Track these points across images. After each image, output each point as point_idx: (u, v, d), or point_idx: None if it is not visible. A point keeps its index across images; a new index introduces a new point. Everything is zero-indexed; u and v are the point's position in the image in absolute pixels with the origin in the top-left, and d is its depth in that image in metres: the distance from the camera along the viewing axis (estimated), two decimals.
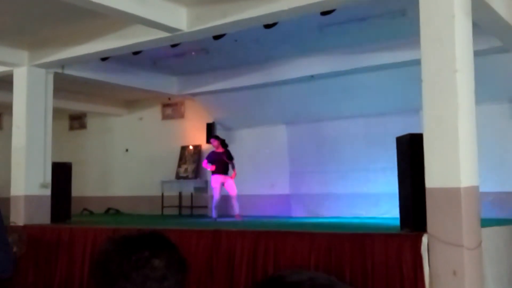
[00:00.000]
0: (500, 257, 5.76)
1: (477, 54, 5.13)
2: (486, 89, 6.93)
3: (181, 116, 12.82)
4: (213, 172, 9.82)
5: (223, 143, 10.03)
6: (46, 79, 8.60)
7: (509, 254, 6.07)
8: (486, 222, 5.35)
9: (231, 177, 9.77)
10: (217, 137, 10.21)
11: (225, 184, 9.78)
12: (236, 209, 9.66)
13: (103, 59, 8.81)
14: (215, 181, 9.79)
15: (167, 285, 1.21)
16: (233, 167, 9.84)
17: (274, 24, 7.10)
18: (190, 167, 12.41)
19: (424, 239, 4.79)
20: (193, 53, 9.57)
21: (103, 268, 1.22)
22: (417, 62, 5.01)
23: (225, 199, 10.09)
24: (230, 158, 9.89)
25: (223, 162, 9.81)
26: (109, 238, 1.27)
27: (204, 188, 12.12)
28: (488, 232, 5.38)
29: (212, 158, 9.89)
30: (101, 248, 1.24)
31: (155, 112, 13.19)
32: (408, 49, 7.78)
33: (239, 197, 9.94)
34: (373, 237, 5.29)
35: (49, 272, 7.19)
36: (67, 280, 6.86)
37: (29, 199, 8.21)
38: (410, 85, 6.17)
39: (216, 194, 9.72)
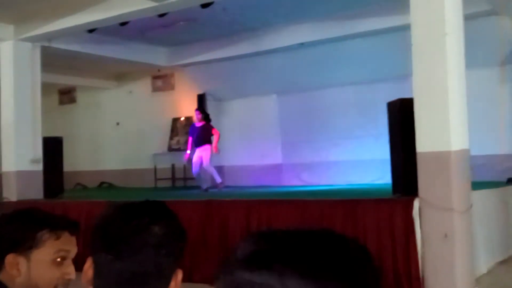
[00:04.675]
0: (490, 219, 5.83)
1: (466, 18, 5.09)
2: (475, 53, 6.90)
3: (171, 88, 12.73)
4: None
5: (206, 118, 9.69)
6: (33, 53, 8.49)
7: (499, 216, 6.15)
8: (476, 185, 5.40)
9: (215, 151, 9.47)
10: (202, 111, 9.94)
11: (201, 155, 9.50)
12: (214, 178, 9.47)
13: (90, 31, 8.69)
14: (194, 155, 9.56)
15: (164, 252, 1.21)
16: (216, 141, 9.50)
17: None
18: (182, 139, 12.38)
19: (416, 203, 4.83)
20: (181, 23, 9.45)
21: (102, 232, 1.22)
22: (407, 27, 4.97)
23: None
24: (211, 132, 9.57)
25: (200, 135, 9.50)
26: (109, 204, 1.27)
27: None
28: (479, 195, 5.43)
29: (191, 132, 9.69)
30: (102, 213, 1.25)
31: (145, 84, 13.08)
32: (397, 14, 7.71)
33: (232, 167, 9.93)
34: (365, 203, 5.34)
35: None
36: None
37: (20, 174, 8.18)
38: (400, 51, 6.13)
39: (196, 167, 9.50)
